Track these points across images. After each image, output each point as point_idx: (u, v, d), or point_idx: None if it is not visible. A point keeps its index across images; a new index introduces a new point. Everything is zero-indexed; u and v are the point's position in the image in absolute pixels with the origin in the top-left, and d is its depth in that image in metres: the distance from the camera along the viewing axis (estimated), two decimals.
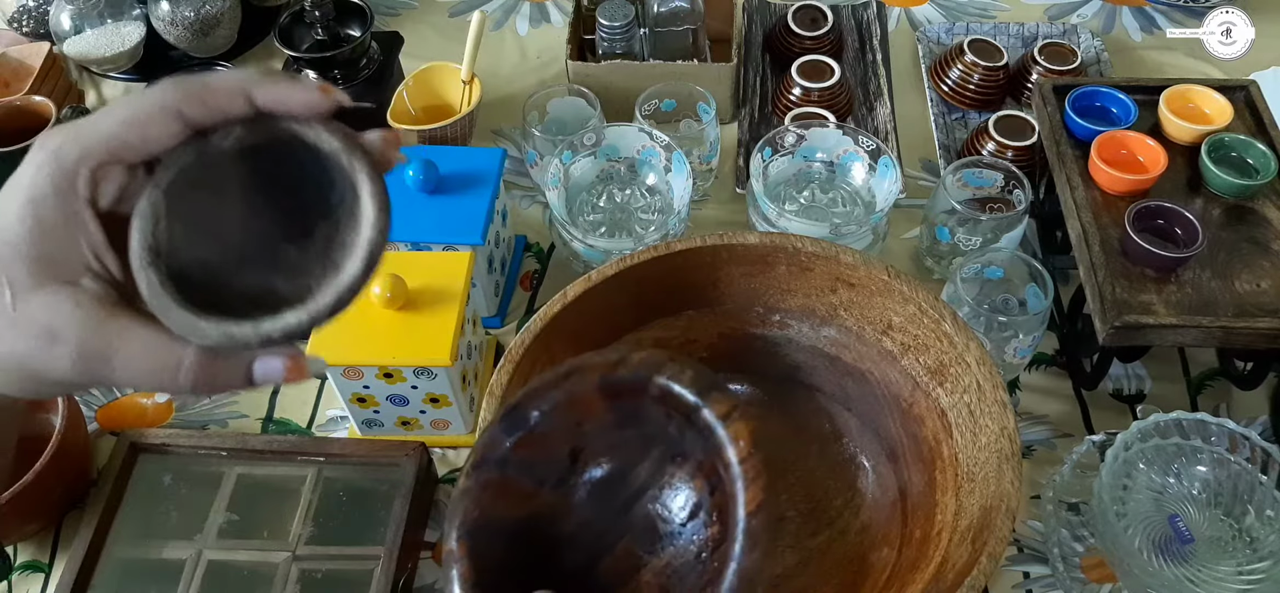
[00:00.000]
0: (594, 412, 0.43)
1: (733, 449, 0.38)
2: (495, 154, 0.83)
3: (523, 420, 0.43)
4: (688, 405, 0.40)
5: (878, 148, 0.85)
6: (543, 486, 0.44)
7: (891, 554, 0.63)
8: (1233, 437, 0.67)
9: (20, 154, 0.89)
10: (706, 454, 0.41)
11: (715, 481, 0.42)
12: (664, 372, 0.40)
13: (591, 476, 0.45)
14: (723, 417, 0.39)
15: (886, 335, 0.66)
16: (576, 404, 0.42)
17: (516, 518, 0.43)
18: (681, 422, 0.41)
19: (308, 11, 0.95)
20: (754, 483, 0.38)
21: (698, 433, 0.40)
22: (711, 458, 0.40)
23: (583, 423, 0.43)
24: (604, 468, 0.45)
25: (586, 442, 0.44)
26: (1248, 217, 0.73)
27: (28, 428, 0.76)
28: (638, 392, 0.41)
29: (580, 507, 0.44)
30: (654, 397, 0.41)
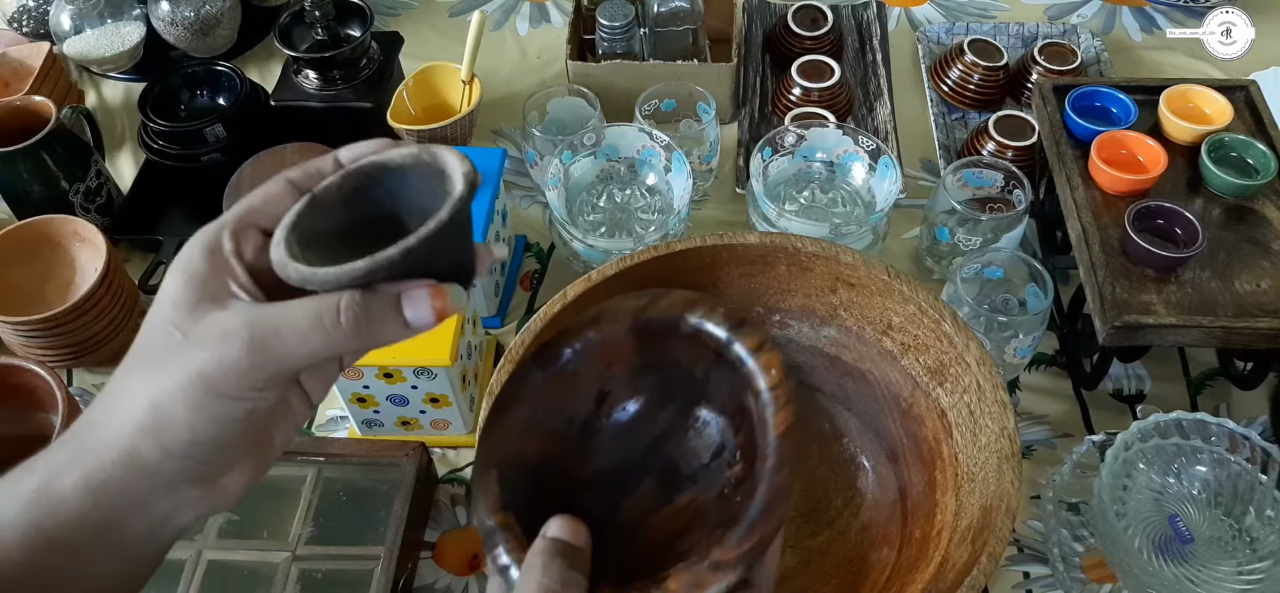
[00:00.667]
0: (623, 354, 0.43)
1: (763, 378, 0.39)
2: (495, 154, 0.83)
3: (555, 359, 0.43)
4: (719, 342, 0.41)
5: (878, 148, 0.85)
6: (570, 426, 0.44)
7: (891, 554, 0.63)
8: (1233, 437, 0.67)
9: (20, 154, 0.90)
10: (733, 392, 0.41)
11: (740, 421, 0.42)
12: (695, 310, 0.41)
13: (616, 419, 0.45)
14: (753, 349, 0.40)
15: (886, 335, 0.66)
16: (607, 347, 0.43)
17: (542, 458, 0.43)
18: (710, 361, 0.42)
19: (308, 11, 0.95)
20: (784, 408, 0.39)
21: (727, 369, 0.41)
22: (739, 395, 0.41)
23: (612, 365, 0.44)
24: (629, 411, 0.45)
25: (613, 385, 0.44)
26: (1248, 217, 0.73)
27: (27, 428, 0.76)
28: (668, 332, 0.42)
29: (603, 450, 0.45)
30: (685, 335, 0.42)
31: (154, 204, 0.98)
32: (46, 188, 0.89)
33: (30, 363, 0.75)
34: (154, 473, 0.36)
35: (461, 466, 0.78)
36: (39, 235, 0.86)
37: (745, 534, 0.37)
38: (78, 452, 0.37)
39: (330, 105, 0.96)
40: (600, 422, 0.45)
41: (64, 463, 0.37)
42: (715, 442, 0.44)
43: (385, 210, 0.40)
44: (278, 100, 0.97)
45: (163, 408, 0.36)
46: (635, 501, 0.44)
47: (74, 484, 0.37)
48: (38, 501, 0.37)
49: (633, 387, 0.45)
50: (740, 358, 0.40)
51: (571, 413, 0.44)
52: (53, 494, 0.37)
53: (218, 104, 0.98)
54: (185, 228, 0.94)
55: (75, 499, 0.36)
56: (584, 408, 0.45)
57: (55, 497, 0.37)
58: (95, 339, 0.82)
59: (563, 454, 0.44)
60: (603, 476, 0.44)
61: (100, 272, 0.80)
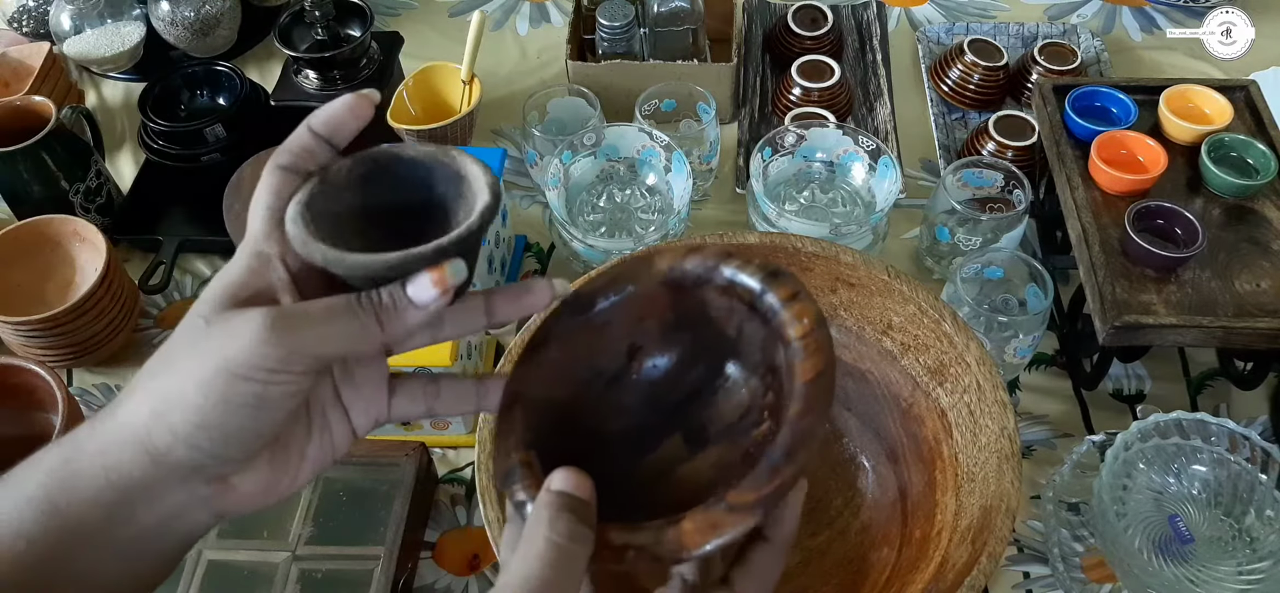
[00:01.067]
0: (657, 308, 0.43)
1: (794, 327, 0.39)
2: (495, 154, 0.83)
3: (589, 306, 0.43)
4: (752, 293, 0.40)
5: (878, 148, 0.85)
6: (598, 378, 0.44)
7: (891, 554, 0.63)
8: (1233, 437, 0.67)
9: (20, 154, 0.90)
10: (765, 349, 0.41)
11: (770, 380, 0.42)
12: (730, 262, 0.41)
13: (646, 375, 0.44)
14: (786, 300, 0.39)
15: (886, 335, 0.66)
16: (642, 299, 0.42)
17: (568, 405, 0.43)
18: (743, 314, 0.41)
19: (308, 11, 0.95)
20: (813, 355, 0.38)
21: (759, 322, 0.41)
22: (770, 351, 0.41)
23: (644, 319, 0.43)
24: (659, 368, 0.44)
25: (645, 339, 0.44)
26: (1248, 217, 0.73)
27: (27, 428, 0.76)
28: (701, 284, 0.42)
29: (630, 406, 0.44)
30: (718, 288, 0.41)
31: (154, 204, 0.98)
32: (46, 188, 0.89)
33: (30, 363, 0.75)
34: (163, 459, 0.36)
35: (461, 465, 0.78)
36: (39, 235, 0.86)
37: (766, 477, 0.36)
38: (98, 433, 0.37)
39: None
40: (629, 377, 0.44)
41: (85, 442, 0.38)
42: (744, 402, 0.43)
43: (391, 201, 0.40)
44: (278, 100, 0.97)
45: (174, 390, 0.36)
46: (657, 457, 0.43)
47: (90, 463, 0.37)
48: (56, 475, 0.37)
49: (664, 342, 0.44)
50: (772, 308, 0.40)
51: (601, 365, 0.44)
52: (70, 471, 0.37)
53: (218, 104, 0.98)
54: (185, 228, 0.94)
55: (89, 478, 0.37)
56: (614, 361, 0.44)
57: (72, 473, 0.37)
58: (95, 339, 0.82)
59: (589, 405, 0.43)
60: (627, 432, 0.44)
61: (100, 272, 0.80)
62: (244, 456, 0.37)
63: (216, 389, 0.35)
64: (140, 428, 0.36)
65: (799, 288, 0.40)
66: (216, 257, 0.93)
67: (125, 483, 0.37)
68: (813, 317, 0.39)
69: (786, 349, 0.39)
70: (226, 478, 0.38)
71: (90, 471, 0.37)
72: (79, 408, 0.76)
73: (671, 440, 0.44)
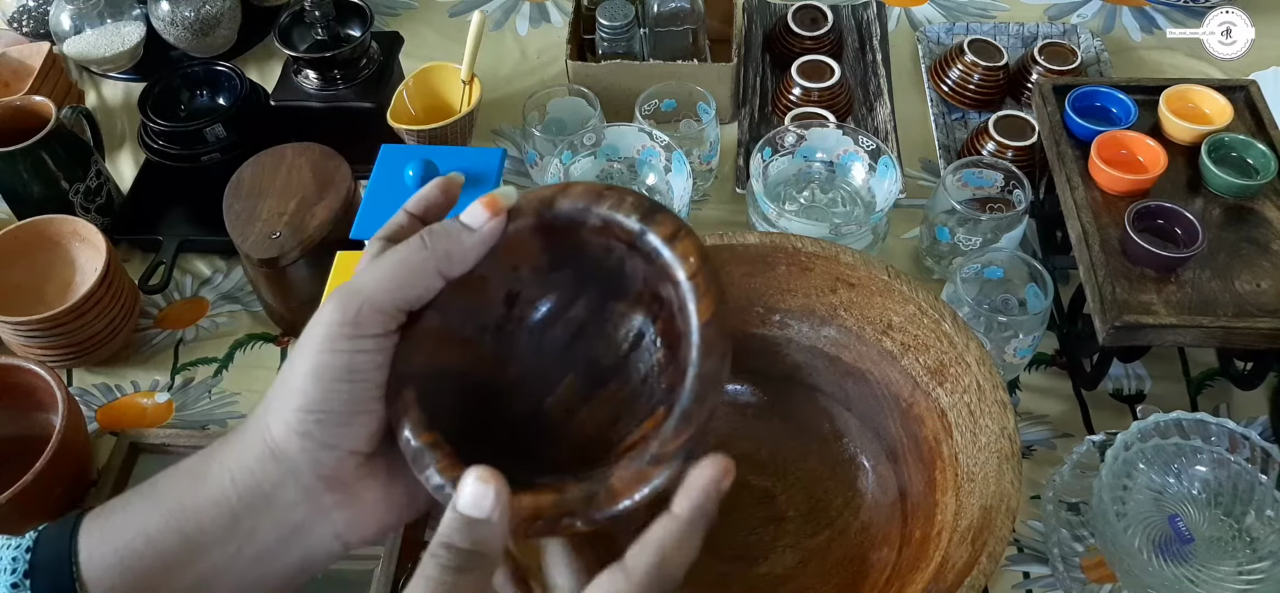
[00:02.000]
0: (529, 254, 0.42)
1: (681, 267, 0.38)
2: (495, 154, 0.83)
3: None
4: (631, 232, 0.39)
5: (878, 148, 0.85)
6: (483, 332, 0.43)
7: (891, 554, 0.63)
8: (1233, 437, 0.67)
9: (20, 154, 0.90)
10: (648, 281, 0.41)
11: (657, 307, 0.41)
12: (603, 202, 0.39)
13: (529, 320, 0.44)
14: (668, 239, 0.38)
15: (886, 335, 0.66)
16: (512, 247, 0.41)
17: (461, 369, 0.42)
18: (623, 251, 0.40)
19: (308, 11, 0.95)
20: (706, 295, 0.38)
21: (642, 259, 0.40)
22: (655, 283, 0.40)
23: (518, 267, 0.42)
24: (541, 310, 0.44)
25: (522, 285, 0.43)
26: (1248, 217, 0.73)
27: (28, 428, 0.76)
28: (575, 227, 0.40)
29: (520, 352, 0.44)
30: (593, 228, 0.40)
31: (154, 204, 0.98)
32: (46, 188, 0.89)
33: (30, 363, 0.75)
34: (282, 454, 0.37)
35: None
36: (39, 235, 0.86)
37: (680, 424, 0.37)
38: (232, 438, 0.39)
39: (330, 105, 0.96)
40: (513, 325, 0.43)
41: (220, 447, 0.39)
42: (634, 330, 0.43)
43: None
44: (278, 100, 0.97)
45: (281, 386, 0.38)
46: (558, 398, 0.43)
47: (220, 466, 0.38)
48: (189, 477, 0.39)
49: (543, 285, 0.43)
50: (655, 249, 0.39)
51: (483, 319, 0.43)
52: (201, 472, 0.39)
53: (218, 104, 0.98)
54: (185, 228, 0.94)
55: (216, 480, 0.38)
56: (495, 312, 0.43)
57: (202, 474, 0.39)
58: (95, 339, 0.82)
59: (480, 362, 0.43)
60: (523, 378, 0.43)
61: (100, 272, 0.80)
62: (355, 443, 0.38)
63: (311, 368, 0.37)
64: (262, 428, 0.38)
65: (680, 225, 0.39)
66: (216, 256, 0.93)
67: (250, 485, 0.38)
68: (698, 253, 0.38)
69: (676, 289, 0.38)
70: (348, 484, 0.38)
71: (218, 473, 0.38)
72: (79, 408, 0.76)
73: (566, 381, 0.43)
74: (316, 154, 0.85)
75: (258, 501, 0.38)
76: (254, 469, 0.38)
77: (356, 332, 0.37)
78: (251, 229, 0.79)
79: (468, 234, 0.38)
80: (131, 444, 0.78)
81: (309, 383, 0.37)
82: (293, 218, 0.80)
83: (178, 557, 0.37)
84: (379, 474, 0.39)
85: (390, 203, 0.79)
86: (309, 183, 0.83)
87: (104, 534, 0.38)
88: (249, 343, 0.87)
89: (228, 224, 0.80)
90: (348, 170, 0.84)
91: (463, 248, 0.38)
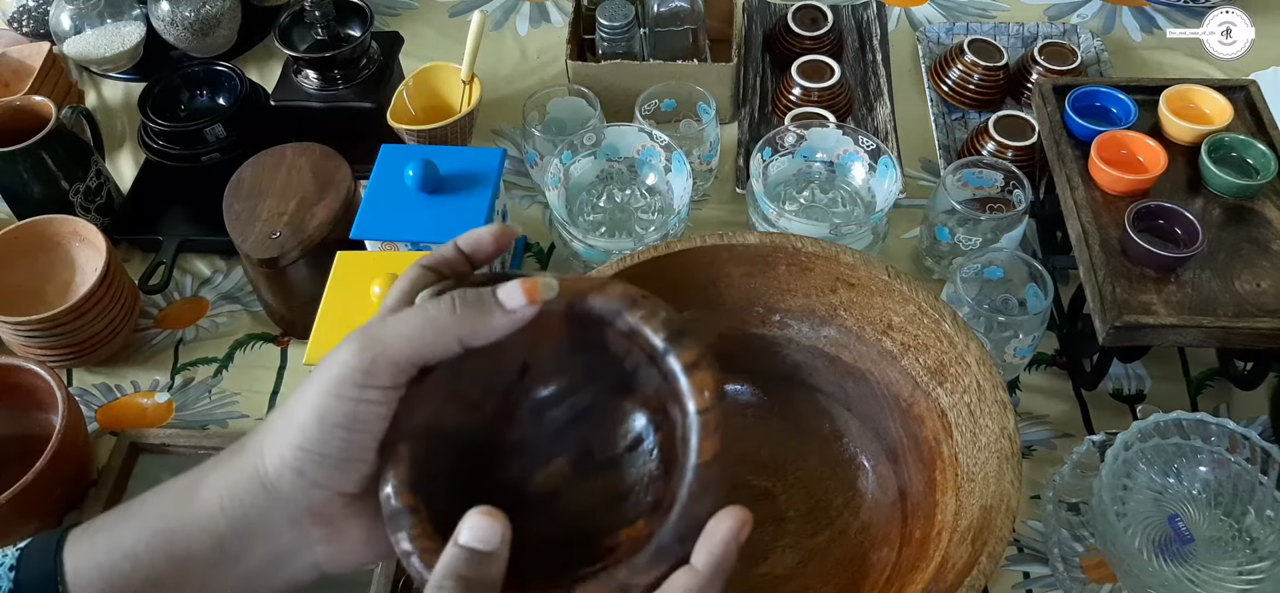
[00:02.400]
0: (552, 334, 0.42)
1: (694, 399, 0.38)
2: (495, 154, 0.83)
3: None
4: (654, 349, 0.39)
5: (878, 148, 0.85)
6: (488, 397, 0.43)
7: (891, 554, 0.63)
8: (1233, 437, 0.67)
9: (20, 154, 0.90)
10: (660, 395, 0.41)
11: (662, 420, 0.41)
12: (636, 311, 0.40)
13: (536, 393, 0.44)
14: (688, 366, 0.38)
15: (886, 335, 0.66)
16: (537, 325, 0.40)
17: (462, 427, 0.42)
18: (642, 359, 0.41)
19: (308, 11, 0.95)
20: (712, 434, 0.37)
21: (659, 373, 0.40)
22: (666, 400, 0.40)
23: (539, 343, 0.42)
24: (550, 387, 0.44)
25: (538, 359, 0.43)
26: (1248, 217, 0.73)
27: (27, 428, 0.76)
28: (602, 323, 0.41)
29: (520, 420, 0.44)
30: (620, 331, 0.40)
31: (154, 204, 0.98)
32: (46, 188, 0.89)
33: (30, 363, 0.75)
34: (273, 488, 0.37)
35: None
36: (39, 235, 0.86)
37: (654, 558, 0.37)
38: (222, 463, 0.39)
39: (330, 105, 0.96)
40: (519, 394, 0.44)
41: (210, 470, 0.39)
42: (634, 433, 0.43)
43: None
44: (278, 100, 0.97)
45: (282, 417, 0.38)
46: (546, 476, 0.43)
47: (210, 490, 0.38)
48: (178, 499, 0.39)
49: (558, 365, 0.43)
50: (673, 372, 0.39)
51: (491, 384, 0.43)
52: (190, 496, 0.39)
53: (218, 104, 0.98)
54: (185, 228, 0.94)
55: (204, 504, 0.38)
56: (505, 379, 0.43)
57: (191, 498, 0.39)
58: (95, 339, 0.82)
59: (480, 425, 0.43)
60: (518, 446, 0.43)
61: (100, 272, 0.80)
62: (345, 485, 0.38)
63: (316, 409, 0.37)
64: (256, 456, 0.38)
65: (703, 354, 0.39)
66: (216, 256, 0.93)
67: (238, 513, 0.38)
68: (714, 389, 0.38)
69: (684, 417, 0.38)
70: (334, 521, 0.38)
71: (207, 498, 0.38)
72: (79, 408, 0.76)
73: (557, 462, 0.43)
74: (316, 154, 0.85)
75: (245, 527, 0.38)
76: (243, 497, 0.38)
77: (367, 382, 0.37)
78: (251, 229, 0.79)
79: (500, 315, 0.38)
80: (131, 444, 0.78)
81: (310, 421, 0.37)
82: (293, 218, 0.80)
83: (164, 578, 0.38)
84: (366, 513, 0.39)
85: (390, 203, 0.80)
86: (309, 183, 0.83)
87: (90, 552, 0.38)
88: (249, 343, 0.87)
89: (228, 224, 0.80)
90: (348, 170, 0.84)
91: (490, 326, 0.38)
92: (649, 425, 0.42)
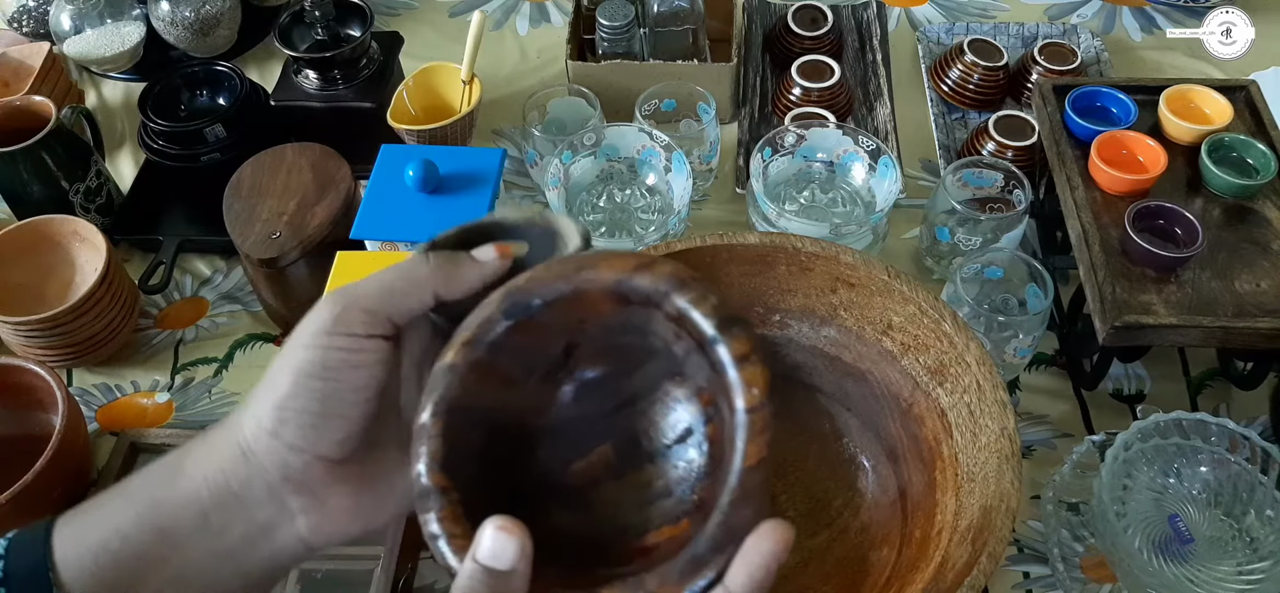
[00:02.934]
0: (600, 311, 0.39)
1: (743, 395, 0.35)
2: (495, 154, 0.83)
3: (524, 306, 0.39)
4: (703, 336, 0.36)
5: (878, 148, 0.85)
6: (531, 376, 0.41)
7: (891, 554, 0.63)
8: (1233, 437, 0.67)
9: (20, 154, 0.90)
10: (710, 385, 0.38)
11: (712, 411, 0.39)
12: (685, 293, 0.37)
13: (582, 375, 0.42)
14: (739, 358, 0.35)
15: (886, 335, 0.66)
16: (584, 301, 0.38)
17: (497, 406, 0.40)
18: (690, 346, 0.38)
19: (308, 11, 0.95)
20: (758, 436, 0.35)
21: (707, 363, 0.37)
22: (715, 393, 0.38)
23: (585, 321, 0.40)
24: (597, 370, 0.42)
25: (584, 338, 0.41)
26: (1248, 217, 0.73)
27: (27, 428, 0.76)
28: (650, 305, 0.38)
29: (563, 404, 0.42)
30: (668, 315, 0.38)
31: (154, 204, 0.98)
32: (46, 188, 0.89)
33: (30, 363, 0.75)
34: (252, 454, 0.37)
35: None
36: (39, 235, 0.86)
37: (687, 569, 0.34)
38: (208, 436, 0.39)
39: (330, 105, 0.96)
40: (562, 375, 0.42)
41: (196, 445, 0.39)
42: (683, 423, 0.40)
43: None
44: (278, 100, 0.97)
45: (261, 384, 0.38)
46: (587, 464, 0.41)
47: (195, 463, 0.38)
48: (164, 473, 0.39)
49: (604, 346, 0.41)
50: (722, 362, 0.36)
51: (533, 363, 0.41)
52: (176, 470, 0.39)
53: (218, 104, 0.98)
54: (185, 228, 0.94)
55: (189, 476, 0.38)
56: (549, 359, 0.41)
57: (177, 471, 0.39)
58: (95, 339, 0.82)
59: (518, 404, 0.41)
60: (557, 431, 0.42)
61: (100, 272, 0.80)
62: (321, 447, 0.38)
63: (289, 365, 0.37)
64: (237, 425, 0.38)
65: (754, 344, 0.36)
66: (216, 256, 0.93)
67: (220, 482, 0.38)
68: (763, 386, 0.35)
69: (732, 416, 0.35)
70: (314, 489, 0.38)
71: (192, 470, 0.38)
72: (79, 408, 0.76)
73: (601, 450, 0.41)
74: (316, 154, 0.85)
75: (227, 498, 0.37)
76: (224, 467, 0.38)
77: (336, 329, 0.37)
78: (251, 229, 0.79)
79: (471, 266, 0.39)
80: (131, 444, 0.78)
81: (282, 377, 0.37)
82: (293, 218, 0.80)
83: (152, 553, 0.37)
84: (348, 482, 0.39)
85: (390, 203, 0.79)
86: (309, 183, 0.83)
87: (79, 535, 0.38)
88: (249, 343, 0.87)
89: (228, 224, 0.80)
90: (348, 170, 0.84)
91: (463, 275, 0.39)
92: (700, 417, 0.40)
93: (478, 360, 0.38)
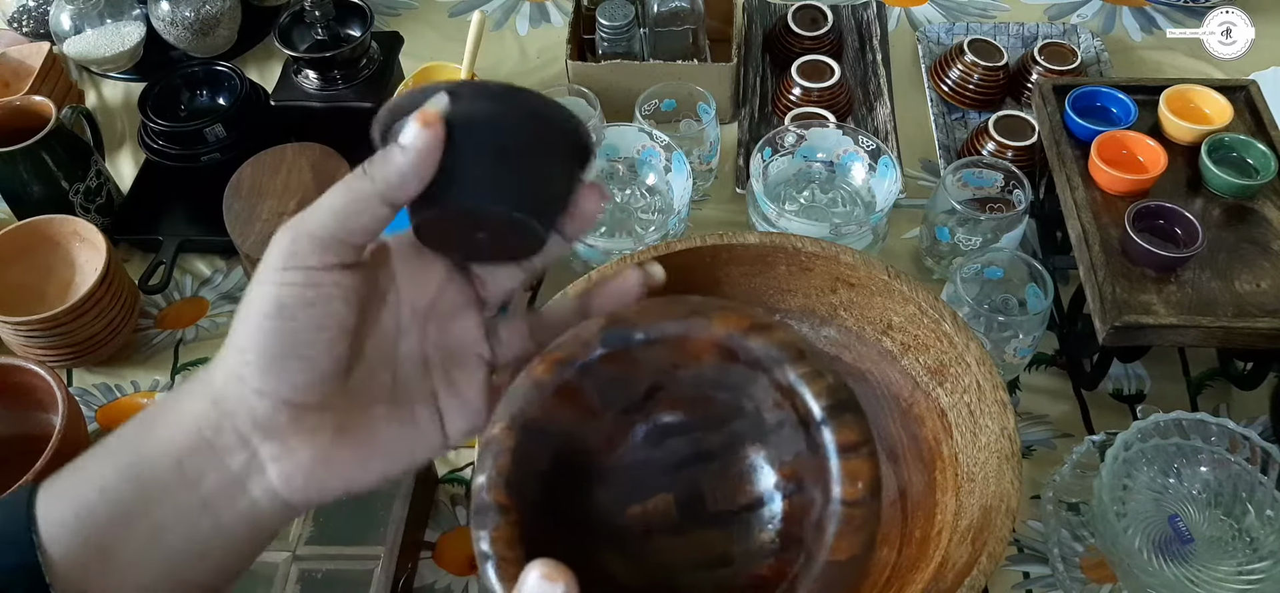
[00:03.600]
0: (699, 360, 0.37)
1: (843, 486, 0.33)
2: None
3: (624, 337, 0.37)
4: (811, 416, 0.35)
5: (878, 148, 0.85)
6: (609, 409, 0.39)
7: (891, 554, 0.63)
8: (1233, 437, 0.67)
9: (20, 154, 0.90)
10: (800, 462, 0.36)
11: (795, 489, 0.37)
12: (800, 366, 0.35)
13: (659, 418, 0.40)
14: (845, 447, 0.34)
15: (886, 335, 0.66)
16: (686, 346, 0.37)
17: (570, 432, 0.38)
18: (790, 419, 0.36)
19: (308, 11, 0.95)
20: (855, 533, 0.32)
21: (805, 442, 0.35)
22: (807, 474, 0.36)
23: (679, 366, 0.38)
24: (675, 416, 0.40)
25: (671, 382, 0.39)
26: (1248, 217, 0.73)
27: (27, 428, 0.76)
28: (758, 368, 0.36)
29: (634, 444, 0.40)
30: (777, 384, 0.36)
31: (154, 204, 0.98)
32: (46, 188, 0.89)
33: (30, 363, 0.75)
34: (221, 400, 0.36)
35: (461, 465, 0.78)
36: (39, 235, 0.86)
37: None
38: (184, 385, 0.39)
39: (330, 105, 0.96)
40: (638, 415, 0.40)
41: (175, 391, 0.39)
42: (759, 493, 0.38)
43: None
44: (278, 100, 0.97)
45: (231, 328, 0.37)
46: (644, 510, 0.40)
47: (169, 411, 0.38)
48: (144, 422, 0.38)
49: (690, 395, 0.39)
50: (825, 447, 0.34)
51: (616, 396, 0.39)
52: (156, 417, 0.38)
53: (218, 104, 0.98)
54: (185, 228, 0.94)
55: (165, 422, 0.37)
56: (631, 395, 0.39)
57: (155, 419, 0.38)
58: (95, 339, 0.82)
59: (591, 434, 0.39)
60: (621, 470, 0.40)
61: (100, 272, 0.80)
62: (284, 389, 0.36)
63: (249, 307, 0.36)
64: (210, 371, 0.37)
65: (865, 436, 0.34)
66: (216, 256, 0.93)
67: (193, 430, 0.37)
68: (869, 481, 0.33)
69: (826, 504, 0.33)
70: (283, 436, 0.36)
71: (169, 418, 0.37)
72: (79, 408, 0.76)
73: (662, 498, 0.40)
74: (316, 154, 0.85)
75: (200, 444, 0.37)
76: (197, 414, 0.37)
77: (288, 262, 0.35)
78: (251, 229, 0.79)
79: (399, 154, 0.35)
80: None
81: (240, 321, 0.36)
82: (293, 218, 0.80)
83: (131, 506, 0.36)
84: (322, 431, 0.37)
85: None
86: (309, 183, 0.83)
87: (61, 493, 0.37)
88: None
89: (228, 224, 0.80)
90: (348, 170, 0.84)
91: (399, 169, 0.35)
92: (776, 490, 0.38)
93: (566, 383, 0.37)
